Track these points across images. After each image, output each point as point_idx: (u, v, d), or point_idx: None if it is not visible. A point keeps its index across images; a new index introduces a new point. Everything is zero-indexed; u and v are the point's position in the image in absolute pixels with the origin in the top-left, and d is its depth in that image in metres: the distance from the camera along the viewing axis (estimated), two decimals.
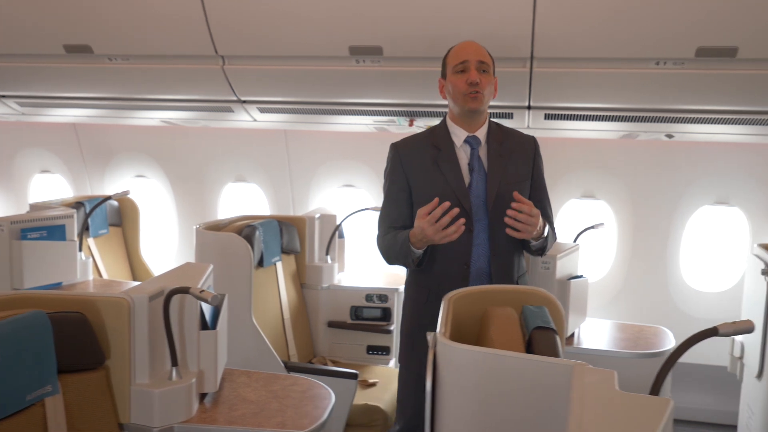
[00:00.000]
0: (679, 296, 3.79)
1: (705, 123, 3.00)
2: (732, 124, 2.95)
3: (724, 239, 3.75)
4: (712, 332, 1.36)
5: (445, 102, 3.27)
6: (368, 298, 3.49)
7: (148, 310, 1.80)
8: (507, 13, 2.58)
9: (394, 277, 3.60)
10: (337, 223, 3.61)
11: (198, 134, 4.19)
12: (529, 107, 3.00)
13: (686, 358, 3.92)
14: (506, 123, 3.16)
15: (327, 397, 2.05)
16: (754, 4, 2.40)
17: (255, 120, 3.55)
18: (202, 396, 2.00)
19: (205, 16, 2.85)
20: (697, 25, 2.50)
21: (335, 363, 3.39)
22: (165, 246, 4.55)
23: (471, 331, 1.84)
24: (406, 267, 2.24)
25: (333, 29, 2.79)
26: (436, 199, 1.95)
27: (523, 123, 3.15)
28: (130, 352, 1.80)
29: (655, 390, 1.32)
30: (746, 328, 1.38)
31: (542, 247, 2.18)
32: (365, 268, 4.06)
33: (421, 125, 3.31)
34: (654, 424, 1.03)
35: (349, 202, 3.97)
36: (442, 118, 2.31)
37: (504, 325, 1.65)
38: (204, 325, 1.96)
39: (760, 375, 2.81)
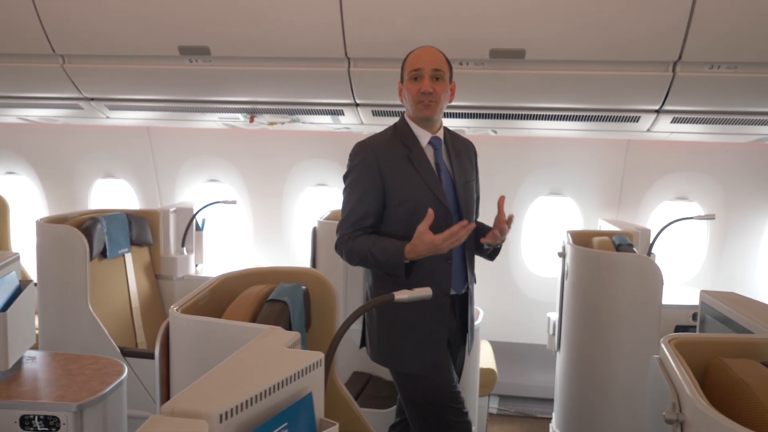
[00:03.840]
0: (522, 281, 4.06)
1: (520, 119, 3.25)
2: (542, 120, 3.21)
3: (560, 226, 4.03)
4: (389, 298, 1.56)
5: (283, 99, 3.43)
6: None
7: None
8: (319, 17, 2.77)
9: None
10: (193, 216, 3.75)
11: (66, 131, 4.25)
12: (356, 104, 3.20)
13: (529, 339, 4.15)
14: (341, 120, 3.37)
15: (118, 374, 2.20)
16: (537, 11, 2.65)
17: (108, 117, 3.65)
18: None
19: (38, 15, 2.95)
20: (490, 29, 2.74)
21: None
22: None
23: None
24: (390, 276, 2.10)
25: (162, 29, 2.93)
26: (431, 211, 1.98)
27: (356, 119, 3.35)
28: None
29: (330, 352, 1.49)
30: (424, 295, 1.59)
31: (496, 251, 2.35)
32: (225, 259, 4.21)
33: (263, 122, 3.47)
34: (291, 367, 1.23)
35: (215, 196, 4.09)
36: (298, 114, 2.33)
37: (242, 299, 1.85)
38: None
39: (558, 347, 3.08)
